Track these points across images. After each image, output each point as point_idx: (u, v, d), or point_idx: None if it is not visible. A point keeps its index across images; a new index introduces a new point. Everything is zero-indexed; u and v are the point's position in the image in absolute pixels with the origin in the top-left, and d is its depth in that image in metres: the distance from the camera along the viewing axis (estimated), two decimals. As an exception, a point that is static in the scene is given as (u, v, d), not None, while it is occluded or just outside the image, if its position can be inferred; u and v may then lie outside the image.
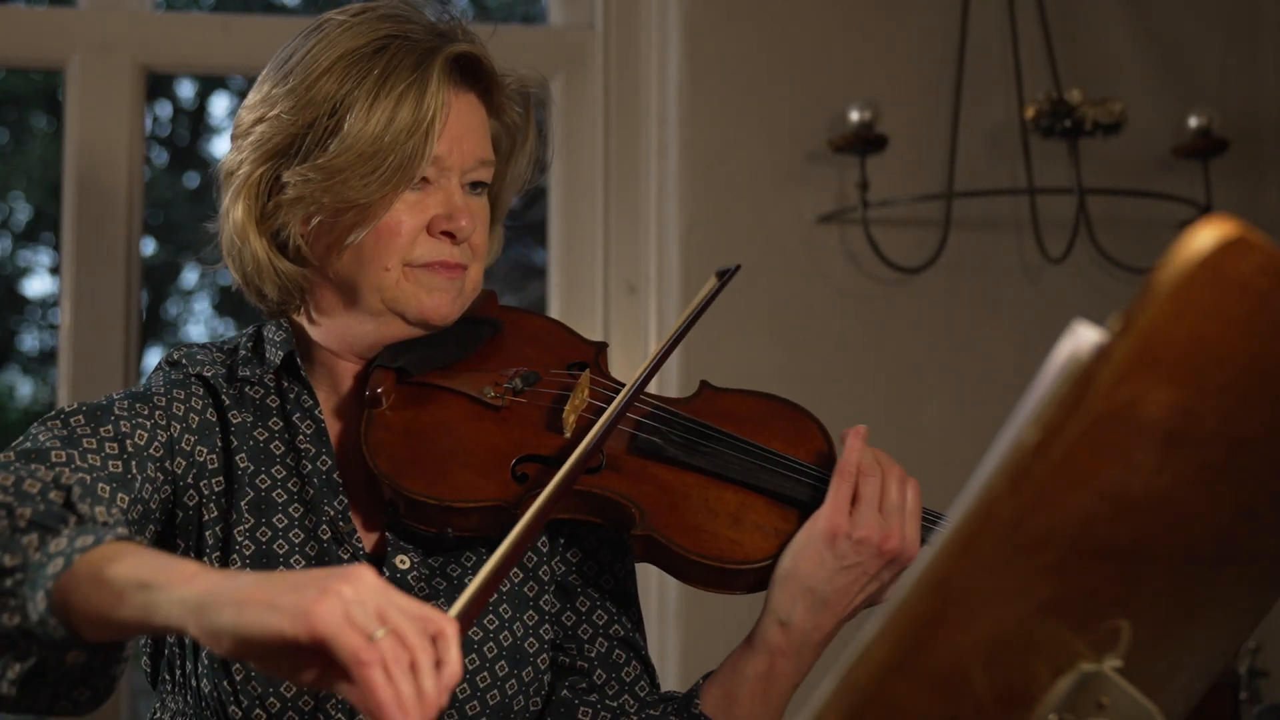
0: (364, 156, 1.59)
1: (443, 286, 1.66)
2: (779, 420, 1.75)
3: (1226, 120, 3.19)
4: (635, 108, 3.23)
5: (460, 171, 1.66)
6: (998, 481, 0.91)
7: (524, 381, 1.68)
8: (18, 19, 3.16)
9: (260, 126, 1.64)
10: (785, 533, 1.64)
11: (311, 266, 1.66)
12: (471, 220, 1.66)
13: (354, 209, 1.61)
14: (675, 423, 1.68)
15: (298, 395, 1.69)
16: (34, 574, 1.26)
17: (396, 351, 1.67)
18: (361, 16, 1.66)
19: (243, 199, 1.64)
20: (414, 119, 1.60)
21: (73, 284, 3.08)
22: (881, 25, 3.21)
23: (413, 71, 1.62)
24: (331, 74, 1.62)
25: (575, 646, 1.72)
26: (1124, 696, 1.02)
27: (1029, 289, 3.23)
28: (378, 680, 1.14)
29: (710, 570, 1.61)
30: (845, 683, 0.94)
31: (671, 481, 1.64)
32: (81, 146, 3.11)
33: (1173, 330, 0.89)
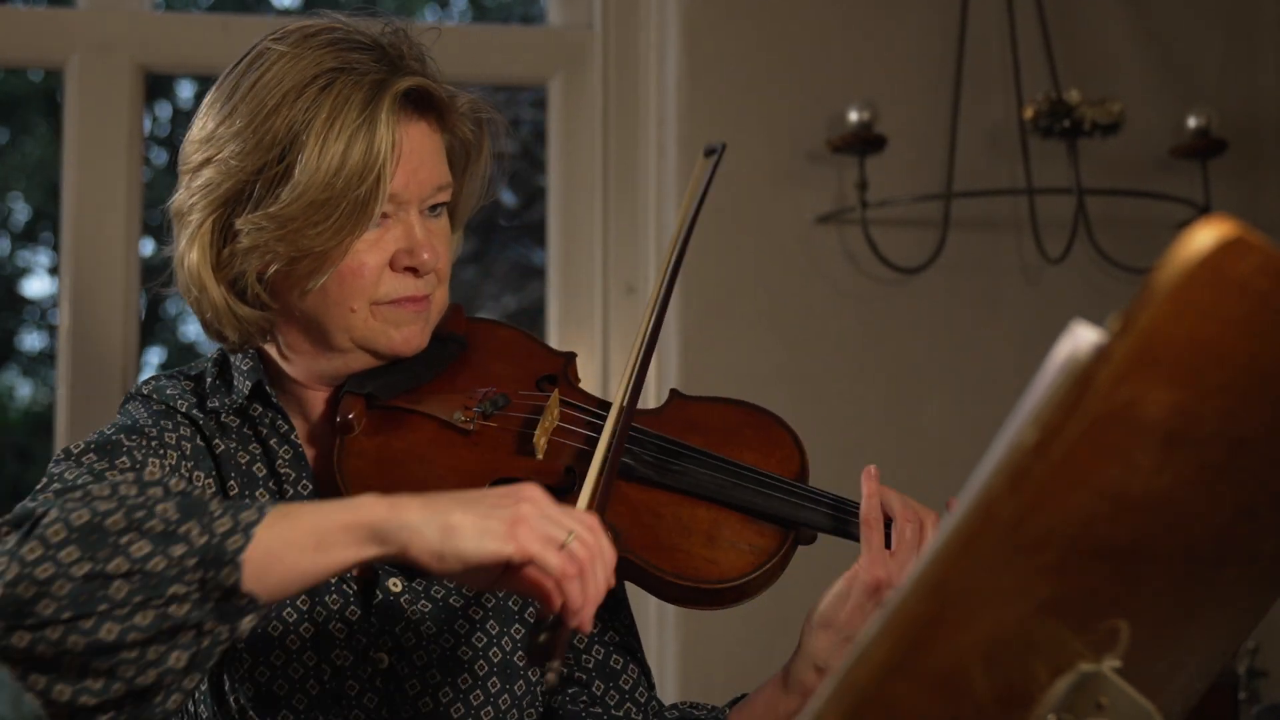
0: (315, 205, 1.55)
1: (410, 320, 1.63)
2: (750, 430, 1.73)
3: (1225, 120, 3.19)
4: (634, 108, 3.23)
5: (419, 201, 1.62)
6: (997, 482, 0.91)
7: (493, 405, 1.66)
8: (17, 19, 3.16)
9: (208, 170, 1.59)
10: (763, 549, 1.62)
11: (273, 309, 1.63)
12: (434, 251, 1.62)
13: (309, 257, 1.58)
14: (647, 442, 1.66)
15: (272, 420, 1.67)
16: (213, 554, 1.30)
17: (364, 377, 1.65)
18: (303, 46, 1.60)
19: (197, 247, 1.60)
20: (365, 162, 1.55)
21: (72, 284, 3.08)
22: (880, 25, 3.21)
23: (361, 110, 1.56)
24: (278, 114, 1.56)
25: (572, 656, 1.72)
26: (1123, 697, 1.02)
27: (1028, 289, 3.23)
28: (574, 589, 1.33)
29: (688, 590, 1.60)
30: (845, 683, 0.94)
31: (644, 501, 1.63)
32: (81, 147, 3.11)
33: (1172, 330, 0.89)
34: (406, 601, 1.64)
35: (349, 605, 1.62)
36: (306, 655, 1.60)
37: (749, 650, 2.90)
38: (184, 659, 1.31)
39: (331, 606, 1.61)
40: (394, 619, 1.63)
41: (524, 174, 5.24)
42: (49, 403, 4.83)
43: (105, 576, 1.29)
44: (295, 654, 1.60)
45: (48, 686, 1.30)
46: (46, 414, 5.22)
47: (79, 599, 1.29)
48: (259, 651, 1.59)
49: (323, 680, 1.59)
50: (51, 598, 1.29)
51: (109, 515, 1.32)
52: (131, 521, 1.32)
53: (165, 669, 1.30)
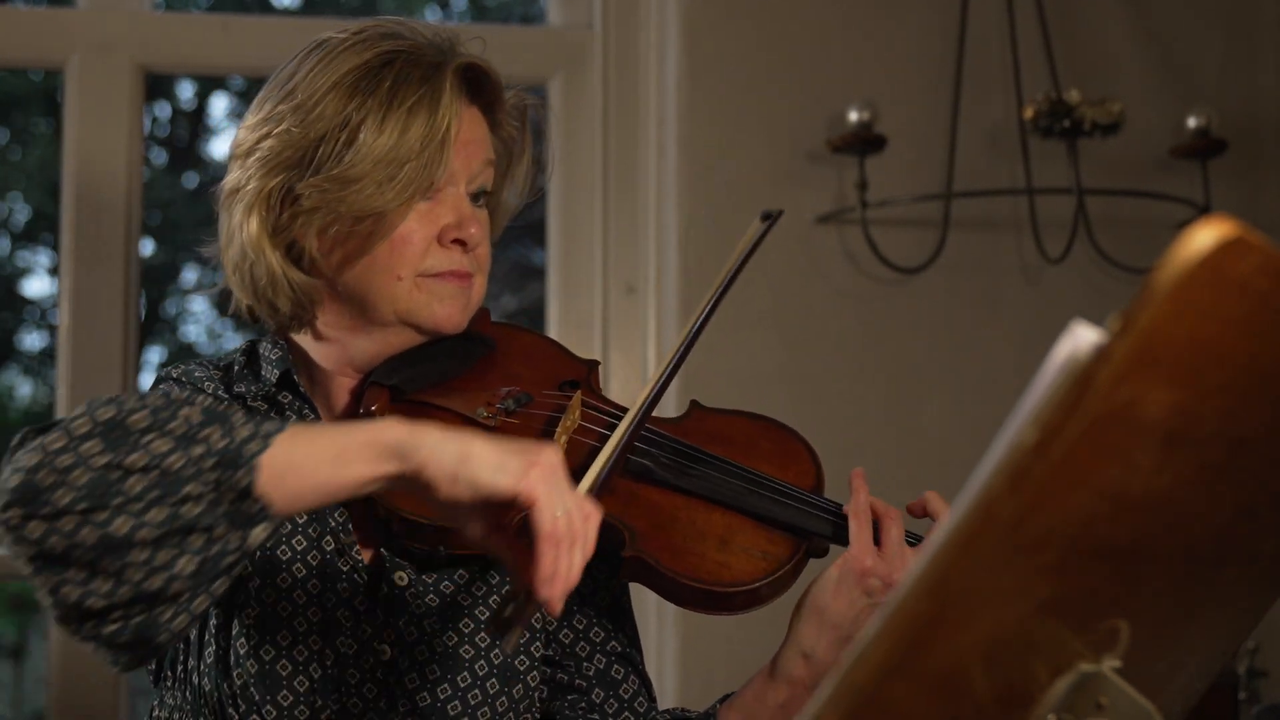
0: (381, 163, 1.60)
1: (453, 295, 1.67)
2: (768, 442, 1.75)
3: (1225, 120, 3.19)
4: (634, 108, 3.24)
5: (468, 178, 1.68)
6: (997, 482, 0.91)
7: (516, 402, 1.69)
8: (16, 19, 3.16)
9: (267, 142, 1.64)
10: (774, 556, 1.65)
11: (324, 278, 1.66)
12: (480, 229, 1.68)
13: (371, 217, 1.62)
14: (665, 445, 1.68)
15: (299, 410, 1.69)
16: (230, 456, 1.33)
17: (391, 369, 1.68)
18: (362, 34, 1.67)
19: (255, 212, 1.63)
20: (428, 128, 1.61)
21: (72, 284, 3.08)
22: (880, 25, 3.21)
23: (422, 84, 1.63)
24: (339, 89, 1.62)
25: (573, 664, 1.73)
26: (1123, 697, 1.02)
27: (1028, 289, 3.23)
28: (549, 554, 1.34)
29: (698, 592, 1.62)
30: (844, 683, 0.94)
31: (661, 504, 1.65)
32: (80, 147, 3.11)
33: (1172, 330, 0.89)
34: (412, 595, 1.65)
35: (358, 594, 1.64)
36: (312, 640, 1.62)
37: (749, 650, 2.90)
38: (192, 564, 1.32)
39: (341, 594, 1.63)
40: (399, 611, 1.65)
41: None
42: (49, 402, 4.83)
43: (123, 469, 1.32)
44: (301, 637, 1.61)
45: (57, 585, 1.32)
46: (46, 414, 5.23)
47: (95, 490, 1.31)
48: (266, 629, 1.61)
49: (325, 666, 1.61)
50: (69, 487, 1.31)
51: (134, 413, 1.35)
52: (156, 421, 1.34)
53: (173, 574, 1.32)
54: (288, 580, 1.63)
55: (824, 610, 1.65)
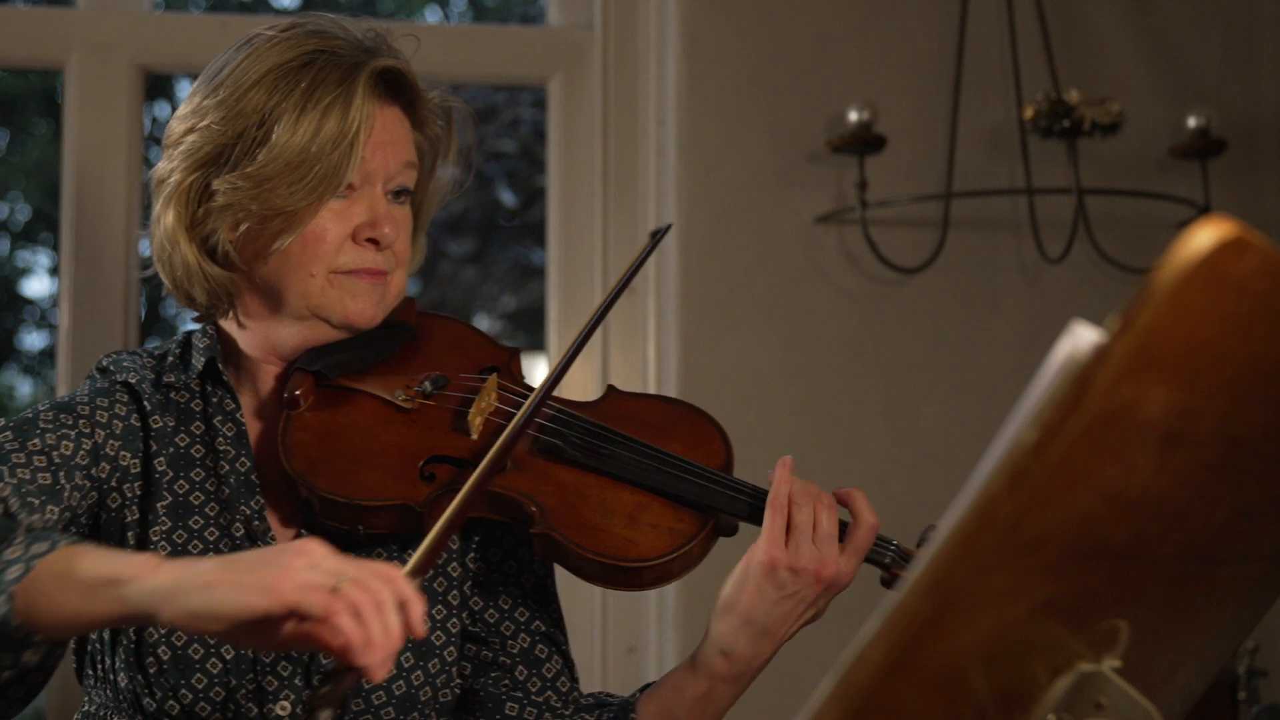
0: (291, 165, 1.65)
1: (366, 291, 1.71)
2: (681, 425, 1.79)
3: (1225, 120, 3.19)
4: (634, 108, 3.24)
5: (384, 178, 1.72)
6: (996, 481, 0.91)
7: (433, 385, 1.74)
8: (16, 19, 3.16)
9: (191, 136, 1.69)
10: (681, 532, 1.68)
11: (239, 271, 1.71)
12: (394, 227, 1.71)
13: (280, 216, 1.66)
14: (576, 425, 1.73)
15: (220, 399, 1.74)
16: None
17: (315, 355, 1.72)
18: (290, 32, 1.71)
19: (173, 206, 1.69)
20: (339, 130, 1.66)
21: (71, 284, 3.08)
22: (880, 26, 3.21)
23: (338, 85, 1.67)
24: (260, 86, 1.67)
25: (498, 641, 1.77)
26: (1122, 696, 1.02)
27: (1027, 289, 3.23)
28: (347, 625, 1.28)
29: (606, 568, 1.66)
30: (843, 684, 0.94)
31: (571, 482, 1.70)
32: (80, 147, 3.11)
33: (1171, 330, 0.89)
34: None
35: None
36: None
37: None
38: None
39: None
40: None
41: (524, 174, 5.24)
42: (49, 403, 4.83)
43: None
44: None
45: None
46: (46, 414, 5.22)
47: None
48: None
49: (238, 647, 1.64)
50: None
51: None
52: None
53: None
54: None
55: (734, 606, 1.68)
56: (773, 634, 1.68)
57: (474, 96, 5.09)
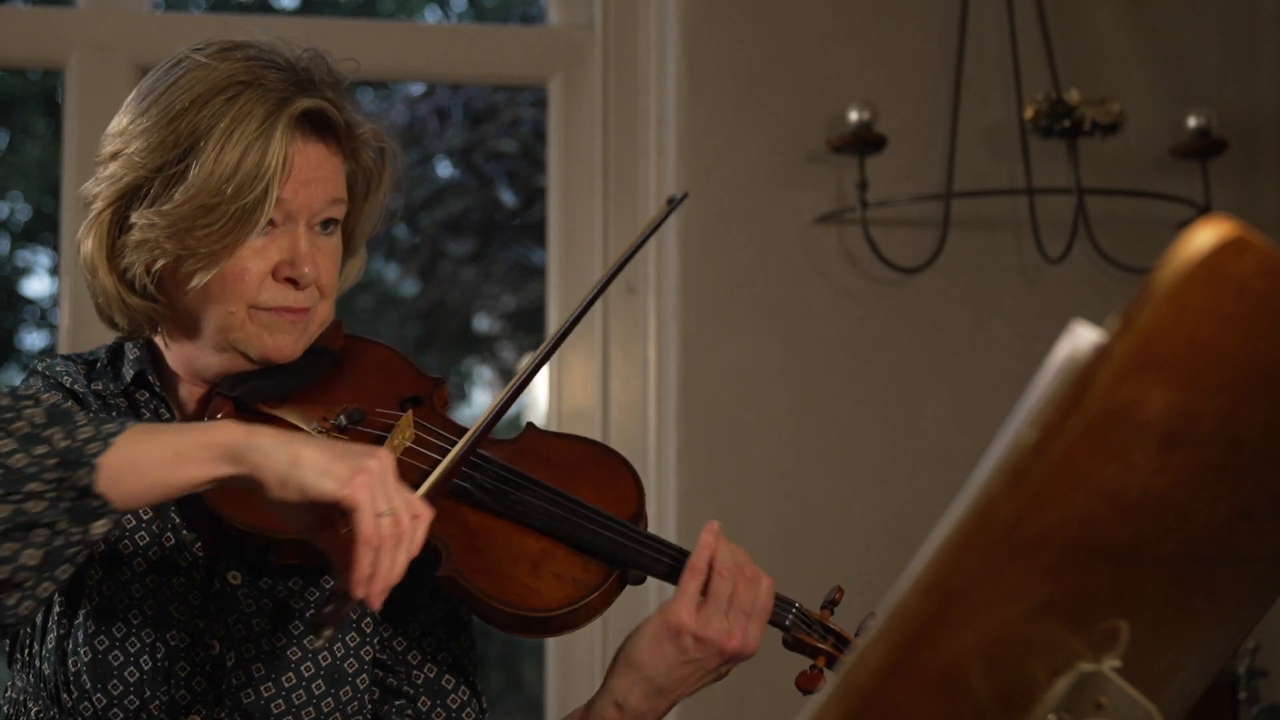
0: (205, 209, 1.63)
1: (285, 329, 1.70)
2: (593, 467, 1.77)
3: (1225, 120, 3.19)
4: (634, 108, 3.24)
5: (308, 215, 1.69)
6: (996, 481, 0.91)
7: (348, 419, 1.72)
8: (16, 19, 3.16)
9: (114, 164, 1.69)
10: (584, 583, 1.67)
11: (160, 302, 1.70)
12: (315, 266, 1.69)
13: (195, 256, 1.65)
14: (488, 470, 1.71)
15: (156, 409, 1.74)
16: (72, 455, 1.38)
17: (236, 380, 1.71)
18: (220, 57, 1.69)
19: (93, 235, 1.69)
20: (255, 172, 1.63)
21: (72, 284, 3.09)
22: (880, 26, 3.21)
23: (260, 123, 1.64)
24: (184, 117, 1.65)
25: (404, 670, 1.75)
26: (1122, 696, 1.02)
27: (1027, 289, 3.23)
28: (366, 556, 1.40)
29: (508, 616, 1.65)
30: (843, 684, 0.94)
31: (479, 526, 1.68)
32: (80, 147, 3.11)
33: (1171, 330, 0.89)
34: (244, 594, 1.69)
35: (193, 589, 1.68)
36: (145, 632, 1.66)
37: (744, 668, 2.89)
38: (37, 557, 1.38)
39: (176, 588, 1.68)
40: (228, 609, 1.68)
41: (524, 174, 5.24)
42: (49, 403, 4.83)
43: None
44: (135, 629, 1.66)
45: None
46: None
47: None
48: (103, 620, 1.65)
49: (156, 658, 1.65)
50: None
51: None
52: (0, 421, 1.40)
53: (18, 565, 1.37)
54: (127, 573, 1.67)
55: (636, 662, 1.67)
56: (668, 694, 1.68)
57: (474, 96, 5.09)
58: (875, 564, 3.03)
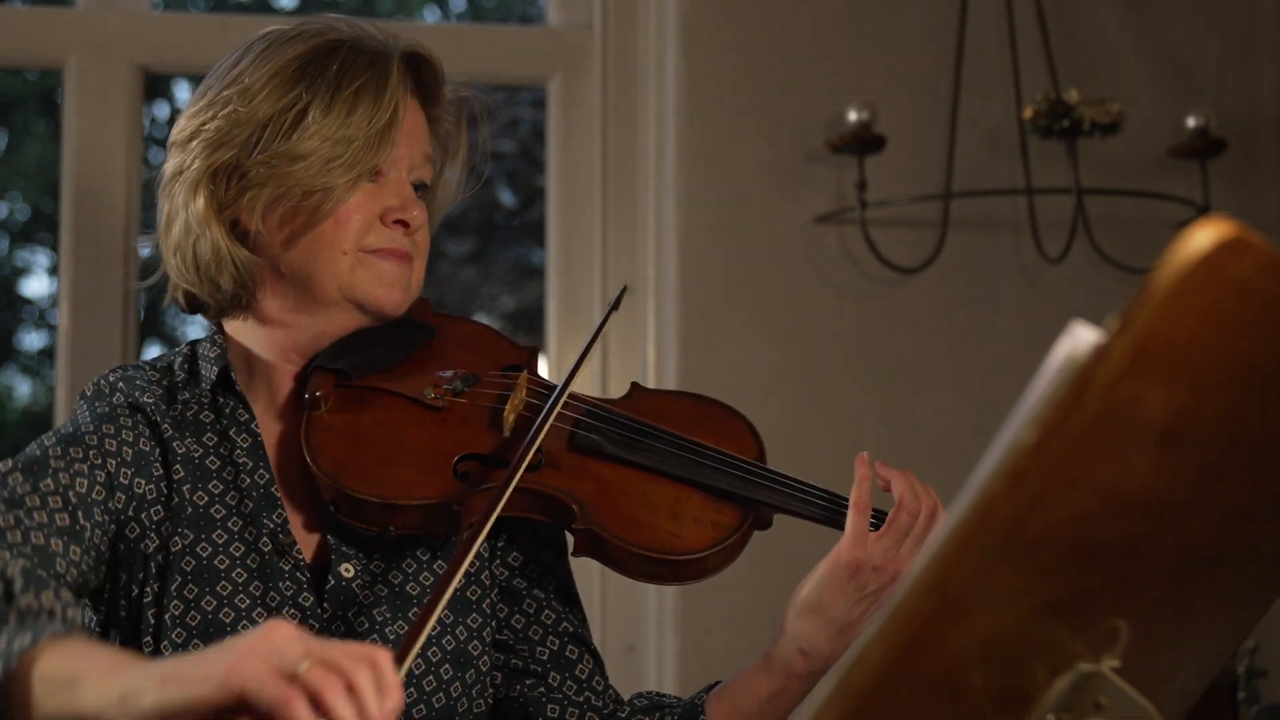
0: (329, 141, 1.64)
1: (394, 277, 1.69)
2: (710, 420, 1.79)
3: (1224, 120, 3.19)
4: (633, 108, 3.23)
5: (409, 166, 1.72)
6: (996, 481, 0.91)
7: (464, 383, 1.72)
8: (15, 19, 3.16)
9: (213, 123, 1.67)
10: (723, 525, 1.68)
11: (268, 256, 1.69)
12: (422, 212, 1.72)
13: (319, 193, 1.66)
14: (613, 420, 1.72)
15: (233, 410, 1.70)
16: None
17: (335, 354, 1.70)
18: (306, 25, 1.72)
19: (202, 189, 1.67)
20: (374, 111, 1.66)
21: (71, 284, 3.08)
22: (879, 26, 3.21)
23: (368, 69, 1.68)
24: (284, 74, 1.67)
25: (527, 649, 1.75)
26: (1122, 696, 1.02)
27: (1027, 289, 3.23)
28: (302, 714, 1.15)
29: (651, 561, 1.65)
30: (844, 684, 0.94)
31: (610, 477, 1.69)
32: (79, 147, 3.11)
33: (1170, 330, 0.89)
34: (359, 586, 1.66)
35: (302, 591, 1.64)
36: None
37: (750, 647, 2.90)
38: None
39: (285, 593, 1.64)
40: (346, 604, 1.65)
41: (523, 174, 5.24)
42: (48, 402, 4.83)
43: None
44: None
45: None
46: (46, 414, 5.22)
47: None
48: (210, 636, 1.60)
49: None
50: None
51: None
52: None
53: None
54: (229, 587, 1.62)
55: (821, 607, 1.67)
56: (849, 630, 1.69)
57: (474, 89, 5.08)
58: (874, 564, 3.03)
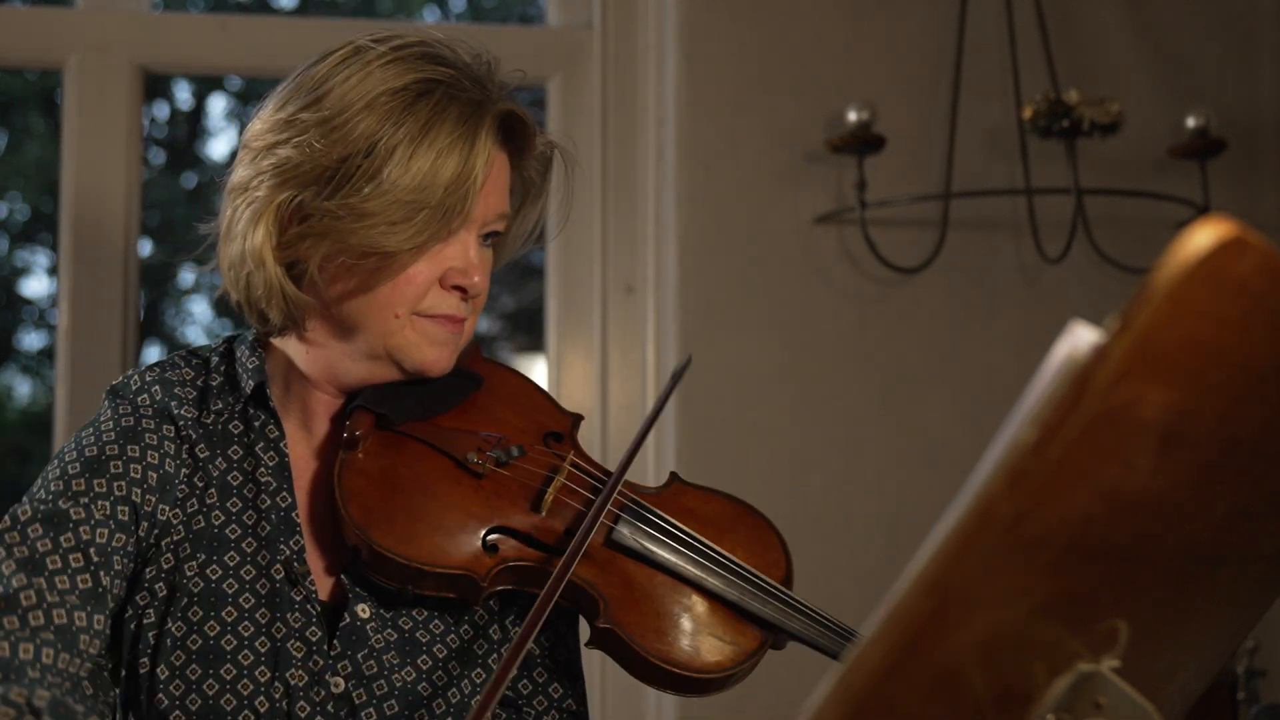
0: (399, 204, 1.55)
1: (444, 340, 1.64)
2: (743, 528, 1.73)
3: (1224, 120, 3.19)
4: (633, 108, 3.24)
5: (481, 225, 1.64)
6: (995, 481, 0.91)
7: (507, 455, 1.66)
8: (15, 19, 3.16)
9: (285, 150, 1.58)
10: (743, 647, 1.64)
11: (320, 300, 1.62)
12: (484, 277, 1.64)
13: (379, 255, 1.57)
14: (651, 521, 1.66)
15: (263, 425, 1.66)
16: None
17: (381, 395, 1.64)
18: (404, 52, 1.61)
19: (263, 223, 1.58)
20: (457, 175, 1.56)
21: (70, 284, 3.08)
22: (879, 26, 3.21)
23: (459, 124, 1.57)
24: (372, 111, 1.56)
25: (531, 714, 1.71)
26: (1122, 696, 1.02)
27: (1026, 289, 3.23)
28: None
29: (666, 674, 1.61)
30: (842, 684, 0.94)
31: (639, 578, 1.64)
32: (79, 147, 3.11)
33: (1170, 330, 0.89)
34: (372, 629, 1.62)
35: (310, 625, 1.60)
36: (259, 671, 1.57)
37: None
38: None
39: (292, 624, 1.60)
40: (357, 645, 1.61)
41: (523, 174, 5.23)
42: (48, 402, 4.83)
43: None
44: (247, 669, 1.57)
45: None
46: (45, 414, 5.23)
47: None
48: (210, 663, 1.57)
49: (273, 698, 1.57)
50: None
51: None
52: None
53: None
54: (234, 613, 1.59)
55: None
56: None
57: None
58: (874, 563, 3.03)
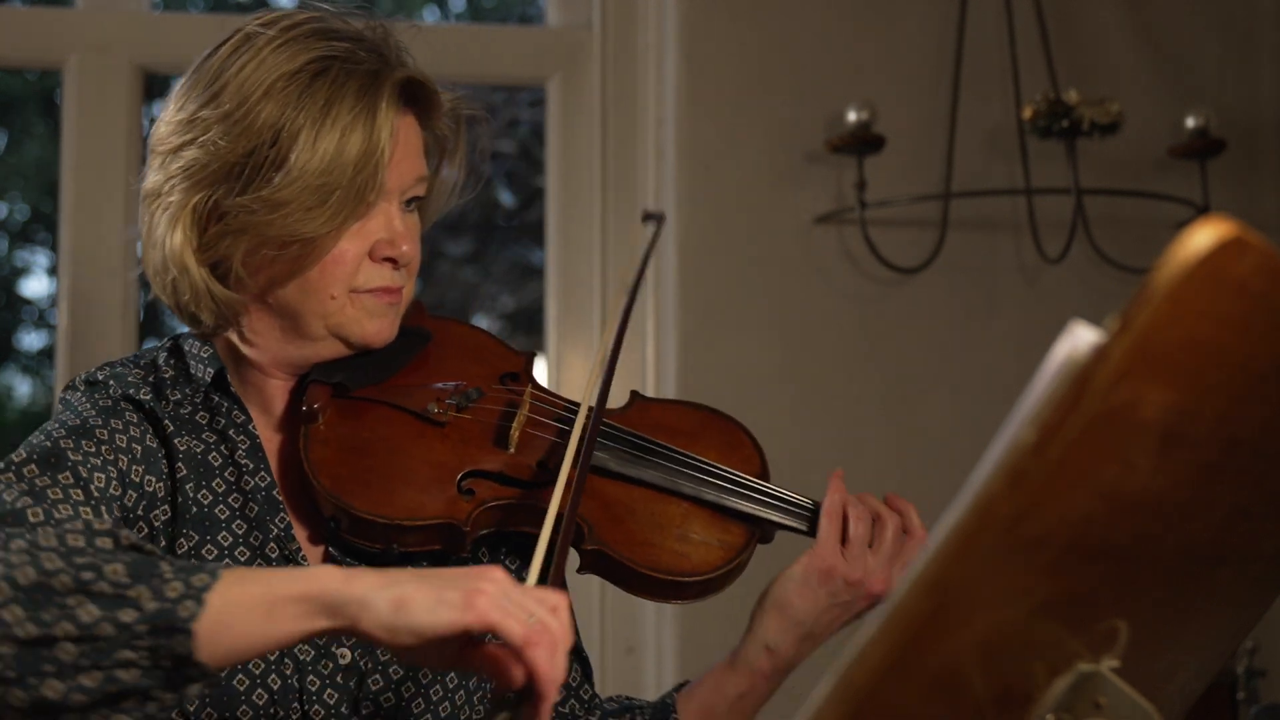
0: (310, 189, 1.55)
1: (383, 311, 1.64)
2: (712, 431, 1.77)
3: (1223, 120, 3.19)
4: (633, 108, 3.23)
5: (400, 192, 1.63)
6: (995, 481, 0.91)
7: (466, 398, 1.68)
8: (15, 19, 3.16)
9: (191, 151, 1.58)
10: (730, 545, 1.68)
11: (251, 294, 1.62)
12: (413, 245, 1.64)
13: (300, 242, 1.57)
14: (619, 438, 1.69)
15: (229, 410, 1.66)
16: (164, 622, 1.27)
17: (332, 367, 1.65)
18: (294, 32, 1.61)
19: (180, 228, 1.58)
20: (363, 151, 1.56)
21: (70, 284, 3.08)
22: (879, 26, 3.21)
23: (360, 98, 1.56)
24: (270, 98, 1.56)
25: None
26: (1121, 697, 1.02)
27: (1026, 289, 3.23)
28: (543, 659, 1.27)
29: (657, 582, 1.65)
30: (842, 684, 0.94)
31: (617, 496, 1.67)
32: (79, 147, 3.11)
33: (1170, 330, 0.89)
34: None
35: None
36: None
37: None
38: None
39: None
40: None
41: (522, 174, 5.24)
42: (48, 403, 4.83)
43: (51, 640, 1.26)
44: None
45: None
46: (45, 414, 5.22)
47: (24, 660, 1.26)
48: None
49: (284, 675, 1.58)
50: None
51: (56, 575, 1.28)
52: (79, 582, 1.28)
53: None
54: None
55: (787, 606, 1.69)
56: (816, 637, 1.70)
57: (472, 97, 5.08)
58: (874, 564, 3.03)
